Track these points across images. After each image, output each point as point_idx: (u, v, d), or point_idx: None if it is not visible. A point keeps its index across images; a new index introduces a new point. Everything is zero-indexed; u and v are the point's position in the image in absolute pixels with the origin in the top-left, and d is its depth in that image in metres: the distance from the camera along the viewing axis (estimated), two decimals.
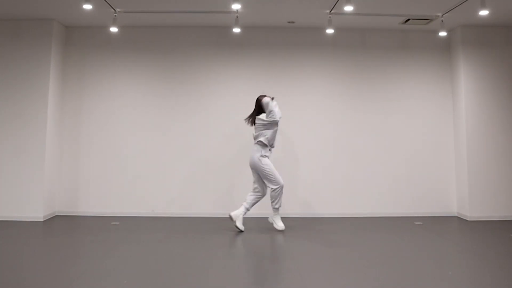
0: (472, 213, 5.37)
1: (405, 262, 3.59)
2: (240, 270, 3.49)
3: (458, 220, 5.40)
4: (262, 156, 4.66)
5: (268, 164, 4.66)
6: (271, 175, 4.63)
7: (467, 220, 5.35)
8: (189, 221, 5.26)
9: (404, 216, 5.54)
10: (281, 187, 4.64)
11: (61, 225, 5.07)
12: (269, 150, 4.75)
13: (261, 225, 4.92)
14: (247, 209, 4.68)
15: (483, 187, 5.41)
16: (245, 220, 4.83)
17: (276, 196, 4.64)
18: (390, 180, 5.67)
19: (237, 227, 4.61)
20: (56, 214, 5.54)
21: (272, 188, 4.65)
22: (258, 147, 4.70)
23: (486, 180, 5.42)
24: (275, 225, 4.71)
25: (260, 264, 3.67)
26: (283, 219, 4.74)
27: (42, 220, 5.16)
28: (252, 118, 4.83)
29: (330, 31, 5.22)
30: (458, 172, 5.64)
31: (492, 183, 5.43)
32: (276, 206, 4.68)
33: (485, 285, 3.01)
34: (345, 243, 4.24)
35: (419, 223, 5.16)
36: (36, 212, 5.17)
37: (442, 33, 5.24)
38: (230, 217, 4.64)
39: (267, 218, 4.85)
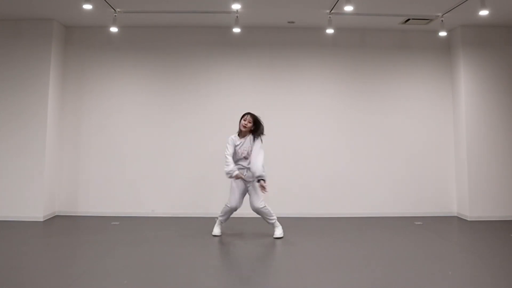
0: (472, 213, 5.37)
1: (405, 261, 3.59)
2: (240, 270, 3.48)
3: (458, 220, 5.40)
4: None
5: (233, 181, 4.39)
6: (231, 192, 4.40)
7: (467, 220, 5.35)
8: (189, 221, 5.26)
9: (404, 216, 5.54)
10: (230, 209, 4.38)
11: (61, 225, 5.06)
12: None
13: (260, 225, 4.92)
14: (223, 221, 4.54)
15: (483, 187, 5.41)
16: (244, 220, 4.84)
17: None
18: (390, 180, 5.67)
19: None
20: (56, 214, 5.54)
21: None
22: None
23: (486, 180, 5.42)
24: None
25: (260, 264, 3.67)
26: (283, 219, 4.72)
27: (42, 220, 5.16)
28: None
29: (330, 31, 5.22)
30: (458, 172, 5.63)
31: (492, 183, 5.43)
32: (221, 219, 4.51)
33: (485, 285, 3.01)
34: (345, 243, 4.24)
35: (419, 223, 5.16)
36: (36, 212, 5.17)
37: (442, 33, 5.24)
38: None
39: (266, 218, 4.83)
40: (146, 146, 5.65)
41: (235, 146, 4.37)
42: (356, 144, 5.70)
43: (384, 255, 3.79)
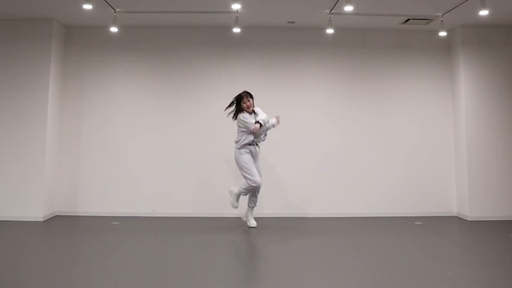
0: (472, 213, 5.37)
1: (405, 262, 3.59)
2: (240, 270, 3.48)
3: (458, 220, 5.40)
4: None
5: (245, 161, 4.66)
6: (248, 171, 4.64)
7: (467, 220, 5.35)
8: (189, 221, 5.26)
9: (404, 216, 5.54)
10: (256, 186, 4.62)
11: (61, 225, 5.07)
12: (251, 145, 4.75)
13: (261, 225, 4.92)
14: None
15: (483, 187, 5.41)
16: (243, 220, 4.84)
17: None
18: (390, 180, 5.67)
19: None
20: (56, 214, 5.54)
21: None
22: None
23: (486, 180, 5.42)
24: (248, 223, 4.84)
25: (260, 264, 3.67)
26: (283, 219, 4.74)
27: (42, 220, 5.16)
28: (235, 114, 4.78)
29: (330, 31, 5.22)
30: (458, 172, 5.63)
31: (492, 183, 5.43)
32: (251, 205, 4.82)
33: (485, 285, 3.01)
34: (345, 243, 4.24)
35: (419, 223, 5.16)
36: (36, 212, 5.17)
37: (442, 33, 5.24)
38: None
39: (268, 218, 4.85)
40: (146, 146, 5.64)
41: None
42: (356, 144, 5.70)
43: (384, 255, 3.79)
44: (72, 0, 4.68)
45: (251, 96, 4.76)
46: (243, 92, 4.76)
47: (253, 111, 4.76)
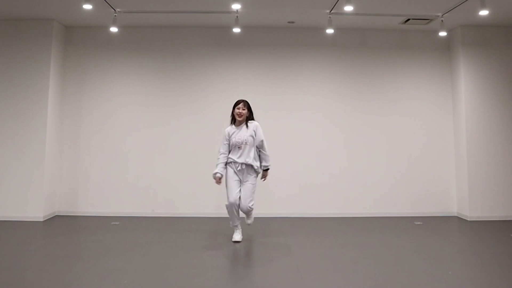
0: (472, 213, 5.37)
1: (405, 262, 3.59)
2: (240, 270, 3.49)
3: (458, 220, 5.40)
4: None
5: (227, 176, 4.24)
6: (226, 186, 4.23)
7: (467, 220, 5.35)
8: (189, 221, 5.26)
9: (404, 216, 5.54)
10: (229, 205, 4.13)
11: (61, 225, 5.07)
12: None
13: (261, 225, 4.92)
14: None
15: (483, 187, 5.41)
16: (243, 220, 4.83)
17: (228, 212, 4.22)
18: (390, 180, 5.67)
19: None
20: (56, 214, 5.54)
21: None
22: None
23: (486, 180, 5.42)
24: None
25: (260, 264, 3.67)
26: (283, 219, 4.73)
27: (42, 220, 5.16)
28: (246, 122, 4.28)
29: (330, 31, 5.22)
30: (458, 172, 5.63)
31: (492, 183, 5.43)
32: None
33: (485, 285, 3.01)
34: (345, 243, 4.24)
35: (419, 223, 5.16)
36: (36, 212, 5.17)
37: (442, 33, 5.24)
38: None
39: (268, 218, 4.84)
40: (146, 146, 5.65)
41: (231, 135, 4.23)
42: (356, 144, 5.70)
43: (384, 255, 3.79)
44: (72, 0, 4.68)
45: (248, 107, 4.28)
46: (242, 99, 4.35)
47: (247, 124, 4.23)
